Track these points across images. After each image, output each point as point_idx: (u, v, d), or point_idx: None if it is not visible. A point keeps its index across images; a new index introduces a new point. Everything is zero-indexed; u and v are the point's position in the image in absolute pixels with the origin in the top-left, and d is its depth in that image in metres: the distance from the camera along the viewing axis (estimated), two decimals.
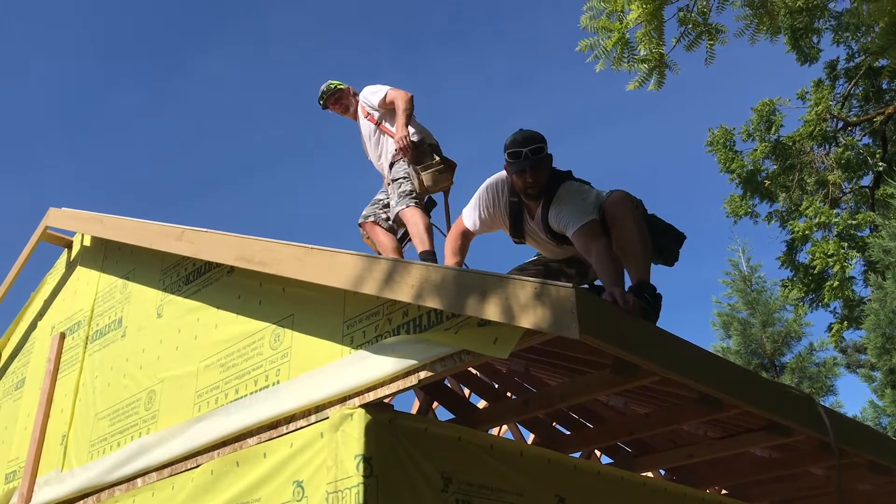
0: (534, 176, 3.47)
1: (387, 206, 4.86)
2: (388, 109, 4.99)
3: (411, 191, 4.69)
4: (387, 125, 4.97)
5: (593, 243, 3.29)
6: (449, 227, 4.57)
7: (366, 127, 5.13)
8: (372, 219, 4.90)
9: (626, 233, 3.27)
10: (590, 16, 6.31)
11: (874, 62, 13.52)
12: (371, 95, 5.07)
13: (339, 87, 5.32)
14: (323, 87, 5.33)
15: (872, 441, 4.17)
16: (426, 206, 4.80)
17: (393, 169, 4.84)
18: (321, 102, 5.35)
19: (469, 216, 3.82)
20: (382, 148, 5.00)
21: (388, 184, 4.86)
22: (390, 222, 4.82)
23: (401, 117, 4.78)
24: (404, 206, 4.65)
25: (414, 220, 4.58)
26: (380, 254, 4.85)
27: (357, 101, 5.25)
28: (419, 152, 4.74)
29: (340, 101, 5.31)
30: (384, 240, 4.81)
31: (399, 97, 4.85)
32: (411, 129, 4.83)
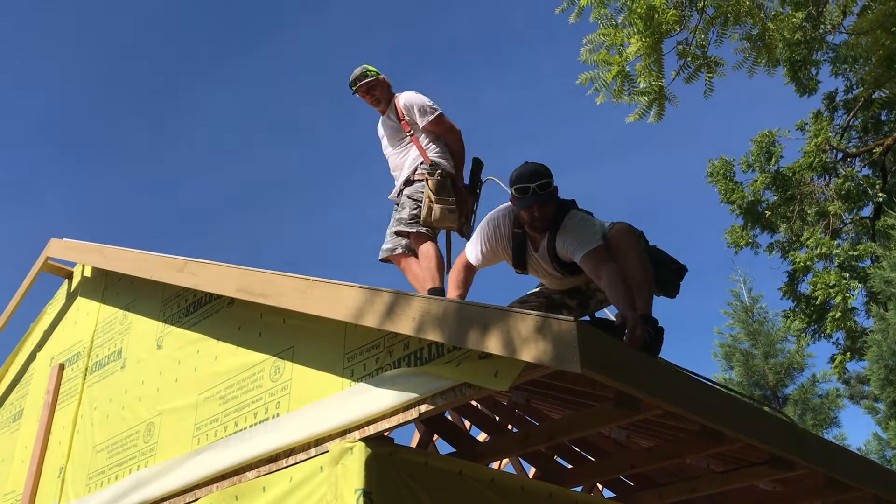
0: (541, 211, 3.47)
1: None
2: (428, 130, 4.83)
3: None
4: (418, 138, 4.82)
5: (602, 267, 3.29)
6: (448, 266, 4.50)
7: (398, 131, 4.91)
8: (400, 251, 4.68)
9: (628, 265, 3.27)
10: (589, 49, 6.39)
11: (870, 94, 13.62)
12: (418, 112, 4.82)
13: (376, 76, 5.00)
14: (357, 72, 5.00)
15: (877, 476, 4.13)
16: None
17: (413, 185, 4.69)
18: (352, 87, 5.02)
19: (472, 250, 3.81)
20: (406, 156, 4.83)
21: (403, 197, 4.73)
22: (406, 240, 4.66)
23: (460, 164, 4.75)
24: (414, 231, 4.54)
25: (428, 254, 4.45)
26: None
27: (391, 97, 5.00)
28: (445, 184, 4.63)
29: (373, 91, 4.99)
30: (419, 271, 4.57)
31: (452, 138, 4.80)
32: (442, 159, 4.76)
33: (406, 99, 4.89)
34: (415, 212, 4.60)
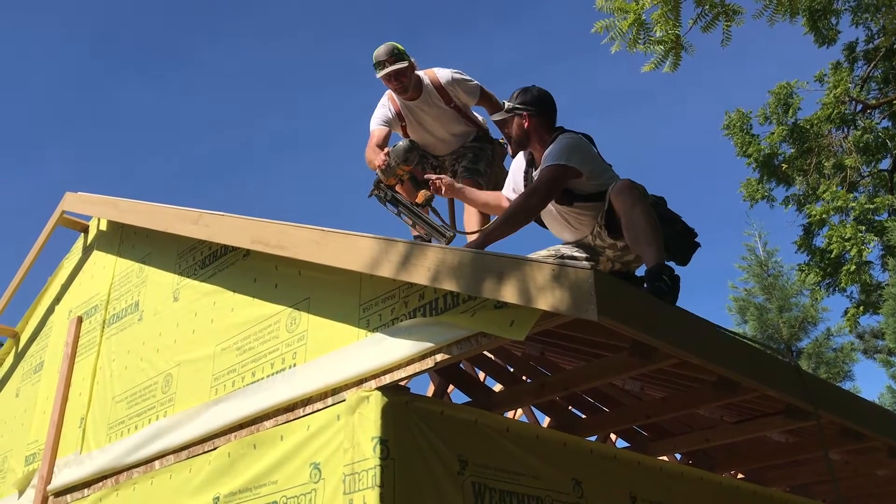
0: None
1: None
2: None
3: None
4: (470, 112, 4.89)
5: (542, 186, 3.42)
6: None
7: (445, 113, 4.75)
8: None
9: (635, 220, 3.20)
10: None
11: (891, 43, 13.32)
12: (467, 92, 4.69)
13: (408, 60, 4.52)
14: (383, 53, 4.49)
15: (893, 425, 4.13)
16: None
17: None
18: (378, 68, 4.51)
19: (506, 188, 3.97)
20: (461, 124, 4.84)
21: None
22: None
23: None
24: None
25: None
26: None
27: (418, 80, 4.63)
28: None
29: (402, 77, 4.52)
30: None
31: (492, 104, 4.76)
32: None
33: (453, 81, 4.67)
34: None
